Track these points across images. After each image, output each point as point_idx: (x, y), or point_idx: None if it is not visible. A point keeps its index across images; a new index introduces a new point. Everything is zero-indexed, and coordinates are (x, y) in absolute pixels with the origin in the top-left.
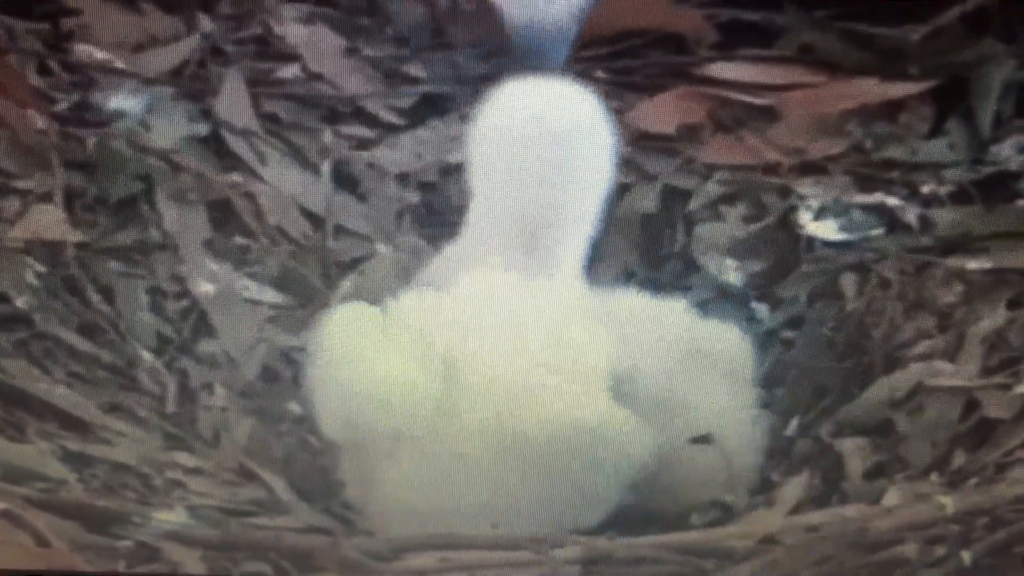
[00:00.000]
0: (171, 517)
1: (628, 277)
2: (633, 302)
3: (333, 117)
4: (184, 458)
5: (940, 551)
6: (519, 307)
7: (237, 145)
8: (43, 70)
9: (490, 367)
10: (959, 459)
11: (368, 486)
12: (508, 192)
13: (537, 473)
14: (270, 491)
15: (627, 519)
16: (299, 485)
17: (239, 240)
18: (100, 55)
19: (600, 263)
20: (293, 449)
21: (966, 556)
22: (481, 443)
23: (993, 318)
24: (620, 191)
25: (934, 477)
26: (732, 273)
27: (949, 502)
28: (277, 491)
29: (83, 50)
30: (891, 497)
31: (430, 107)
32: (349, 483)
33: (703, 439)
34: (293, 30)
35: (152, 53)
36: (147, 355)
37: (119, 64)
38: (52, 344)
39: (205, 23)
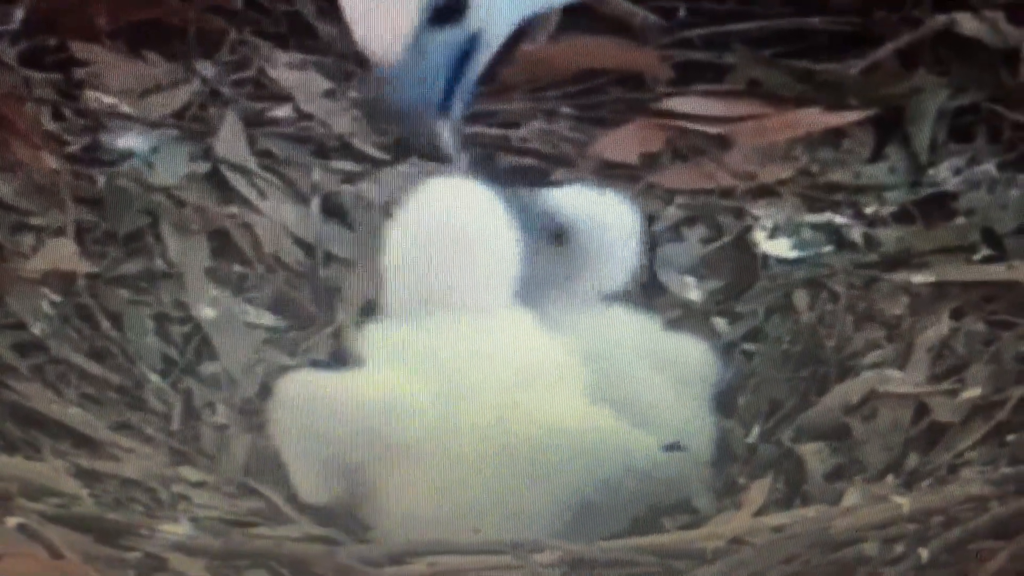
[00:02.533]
0: (177, 529)
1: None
2: (604, 319)
3: (322, 153)
4: (189, 473)
5: (899, 549)
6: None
7: (235, 180)
8: (56, 115)
9: (465, 383)
10: (913, 461)
11: (368, 502)
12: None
13: (529, 477)
14: (269, 502)
15: (604, 523)
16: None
17: (238, 268)
18: (108, 100)
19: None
20: (284, 476)
21: (924, 553)
22: (472, 453)
23: (938, 328)
24: None
25: (890, 478)
26: (693, 290)
27: (905, 502)
28: (276, 502)
29: (93, 96)
30: (850, 498)
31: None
32: (351, 501)
33: (674, 447)
34: (285, 74)
35: (156, 98)
36: (154, 377)
37: (126, 108)
38: (65, 368)
39: (205, 69)
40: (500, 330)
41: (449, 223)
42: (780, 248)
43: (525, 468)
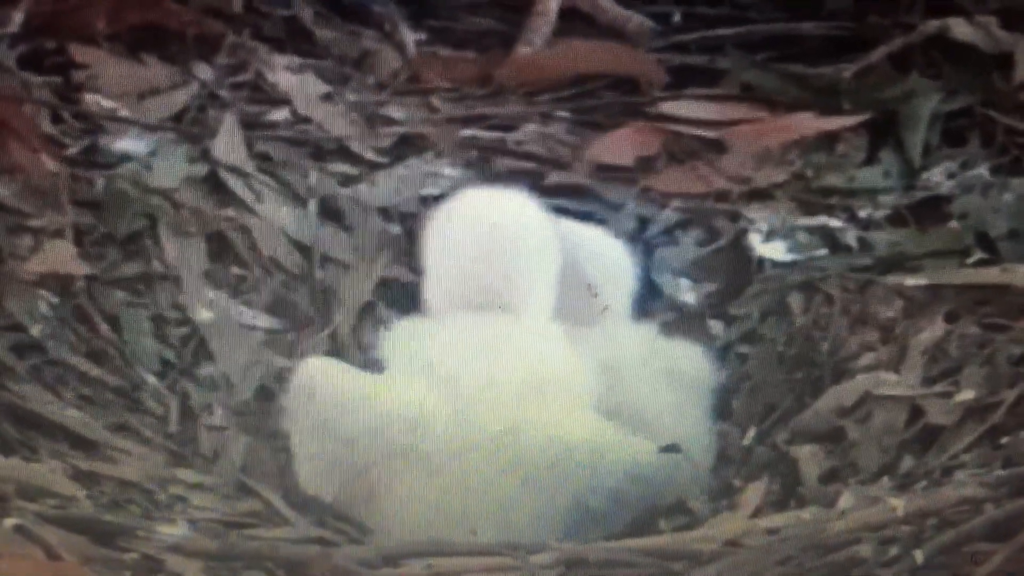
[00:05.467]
0: (174, 530)
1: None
2: (604, 325)
3: (320, 156)
4: (186, 474)
5: (894, 551)
6: (498, 340)
7: (232, 183)
8: (55, 118)
9: (482, 393)
10: (907, 464)
11: (366, 506)
12: (465, 280)
13: (534, 488)
14: (267, 504)
15: (602, 526)
16: (294, 498)
17: (235, 270)
18: (107, 104)
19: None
20: (288, 464)
21: (918, 555)
22: (481, 467)
23: (932, 331)
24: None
25: (885, 481)
26: (688, 293)
27: (900, 504)
28: (273, 504)
29: (91, 100)
30: (845, 500)
31: (407, 146)
32: (344, 504)
33: (671, 448)
34: (283, 78)
35: (154, 101)
36: (151, 378)
37: (124, 111)
38: (63, 369)
39: (203, 72)
40: (524, 341)
41: (495, 232)
42: (775, 251)
43: (529, 480)
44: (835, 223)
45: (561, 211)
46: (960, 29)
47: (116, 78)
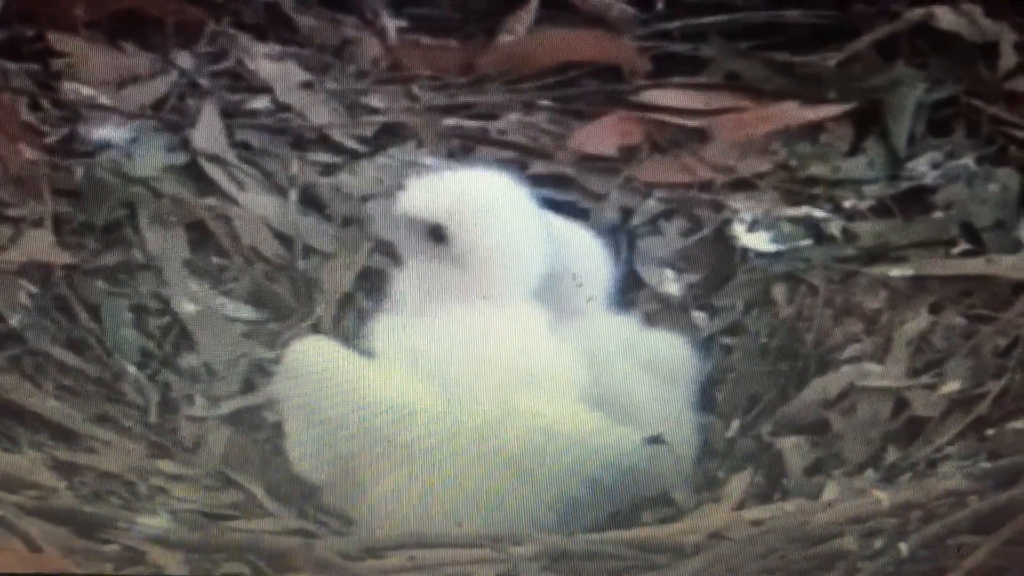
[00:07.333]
0: (155, 521)
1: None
2: (589, 316)
3: (301, 144)
4: (167, 465)
5: (878, 543)
6: (484, 330)
7: (213, 172)
8: (34, 106)
9: (468, 384)
10: (892, 456)
11: (352, 493)
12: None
13: (519, 478)
14: (248, 495)
15: (586, 517)
16: (275, 490)
17: (216, 260)
18: (86, 92)
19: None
20: (269, 456)
21: (903, 548)
22: (467, 456)
23: (917, 322)
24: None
25: (869, 473)
26: (672, 284)
27: (885, 496)
28: (255, 495)
29: (71, 88)
30: (830, 492)
31: (389, 135)
32: (331, 490)
33: (655, 440)
34: (264, 66)
35: (134, 89)
36: (131, 369)
37: (104, 99)
38: (43, 359)
39: (183, 60)
40: (510, 330)
41: (477, 215)
42: (759, 242)
43: (516, 469)
44: (819, 213)
45: (544, 201)
46: (945, 17)
47: (95, 66)
